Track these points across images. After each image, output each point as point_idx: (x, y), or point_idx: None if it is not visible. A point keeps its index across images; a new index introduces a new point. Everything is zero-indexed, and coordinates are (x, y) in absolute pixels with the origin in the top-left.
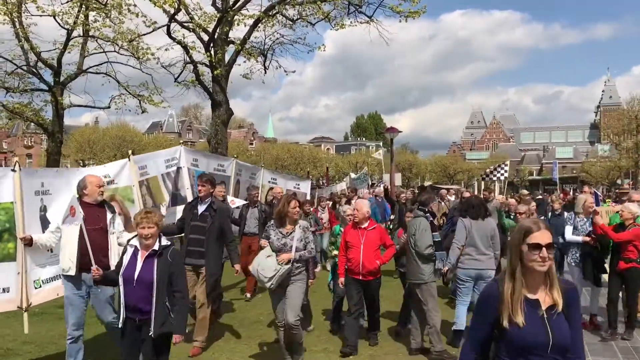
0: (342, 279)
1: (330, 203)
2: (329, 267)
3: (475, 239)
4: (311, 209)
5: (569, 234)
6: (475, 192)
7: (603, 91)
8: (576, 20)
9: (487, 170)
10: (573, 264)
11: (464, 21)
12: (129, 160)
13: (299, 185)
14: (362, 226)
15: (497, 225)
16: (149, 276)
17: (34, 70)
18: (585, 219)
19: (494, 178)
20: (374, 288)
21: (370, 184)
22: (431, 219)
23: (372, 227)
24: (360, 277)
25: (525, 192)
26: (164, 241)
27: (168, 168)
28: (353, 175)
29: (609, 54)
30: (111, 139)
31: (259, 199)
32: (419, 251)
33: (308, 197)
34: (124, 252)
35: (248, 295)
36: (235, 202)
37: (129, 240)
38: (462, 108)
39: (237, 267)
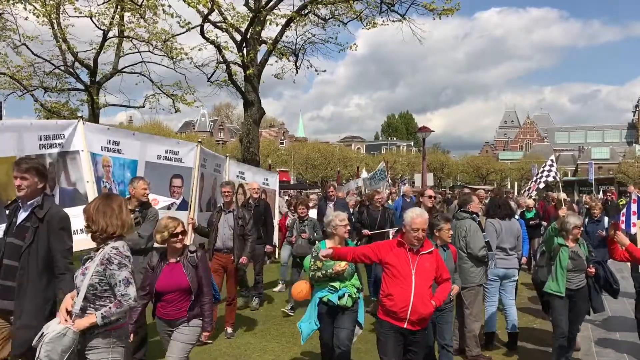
0: (327, 251)
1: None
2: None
3: (504, 239)
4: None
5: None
6: (516, 193)
7: None
8: (617, 17)
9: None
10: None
11: (499, 19)
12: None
13: (267, 180)
14: (415, 247)
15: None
16: None
17: (71, 70)
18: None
19: (543, 180)
20: (421, 342)
21: (390, 182)
22: (478, 219)
23: (428, 251)
24: (406, 325)
25: (563, 195)
26: None
27: (44, 148)
28: (366, 174)
29: None
30: None
31: (234, 199)
32: (472, 253)
33: (277, 194)
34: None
35: (229, 330)
36: (160, 202)
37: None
38: (496, 107)
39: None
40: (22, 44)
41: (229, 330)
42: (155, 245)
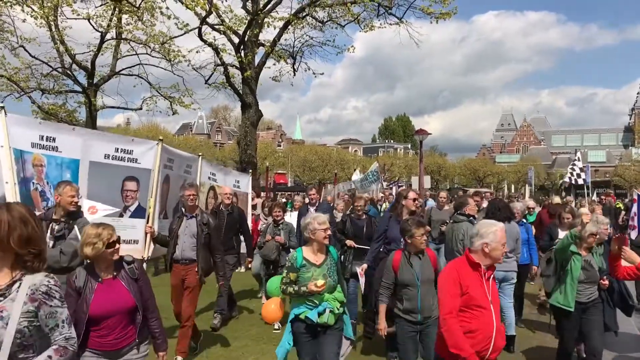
0: None
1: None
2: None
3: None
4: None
5: None
6: (506, 195)
7: (638, 93)
8: (614, 20)
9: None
10: None
11: (497, 22)
12: None
13: (238, 182)
14: (484, 265)
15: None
16: None
17: (69, 72)
18: None
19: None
20: None
21: (383, 184)
22: (475, 222)
23: (492, 272)
24: None
25: (570, 198)
26: None
27: None
28: (357, 177)
29: None
30: None
31: (196, 203)
32: None
33: (250, 197)
34: None
35: (179, 359)
36: (99, 210)
37: None
38: (493, 110)
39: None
40: (20, 46)
41: (179, 359)
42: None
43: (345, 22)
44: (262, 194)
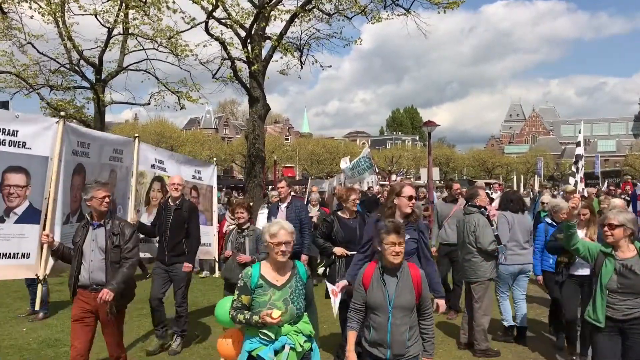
0: None
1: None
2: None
3: (517, 234)
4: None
5: None
6: (515, 187)
7: None
8: (625, 8)
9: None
10: None
11: (505, 12)
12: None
13: (199, 172)
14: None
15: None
16: None
17: (77, 68)
18: None
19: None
20: None
21: (377, 173)
22: (487, 214)
23: None
24: None
25: (590, 189)
26: None
27: None
28: (345, 164)
29: None
30: (150, 135)
31: (109, 208)
32: (482, 247)
33: (215, 190)
34: None
35: None
36: None
37: None
38: (502, 101)
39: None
40: (28, 43)
41: None
42: None
43: (352, 14)
44: (269, 187)
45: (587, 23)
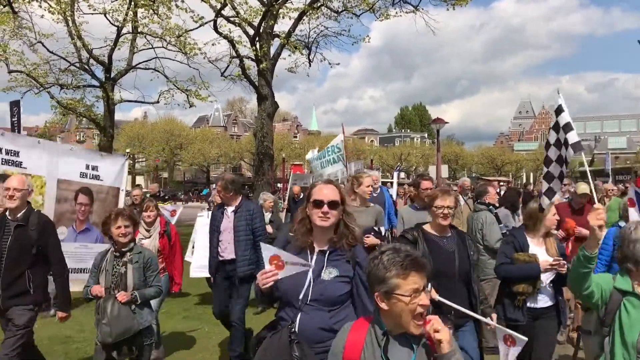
0: None
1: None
2: None
3: None
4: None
5: None
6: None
7: None
8: (637, 3)
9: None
10: None
11: (517, 8)
12: None
13: (96, 169)
14: None
15: None
16: None
17: (86, 67)
18: None
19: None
20: None
21: (347, 168)
22: (495, 211)
23: None
24: None
25: (608, 185)
26: None
27: None
28: (312, 155)
29: None
30: (159, 133)
31: None
32: (488, 245)
33: (121, 195)
34: None
35: None
36: None
37: None
38: (512, 98)
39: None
40: (38, 42)
41: None
42: None
43: (360, 12)
44: (279, 186)
45: (600, 19)
